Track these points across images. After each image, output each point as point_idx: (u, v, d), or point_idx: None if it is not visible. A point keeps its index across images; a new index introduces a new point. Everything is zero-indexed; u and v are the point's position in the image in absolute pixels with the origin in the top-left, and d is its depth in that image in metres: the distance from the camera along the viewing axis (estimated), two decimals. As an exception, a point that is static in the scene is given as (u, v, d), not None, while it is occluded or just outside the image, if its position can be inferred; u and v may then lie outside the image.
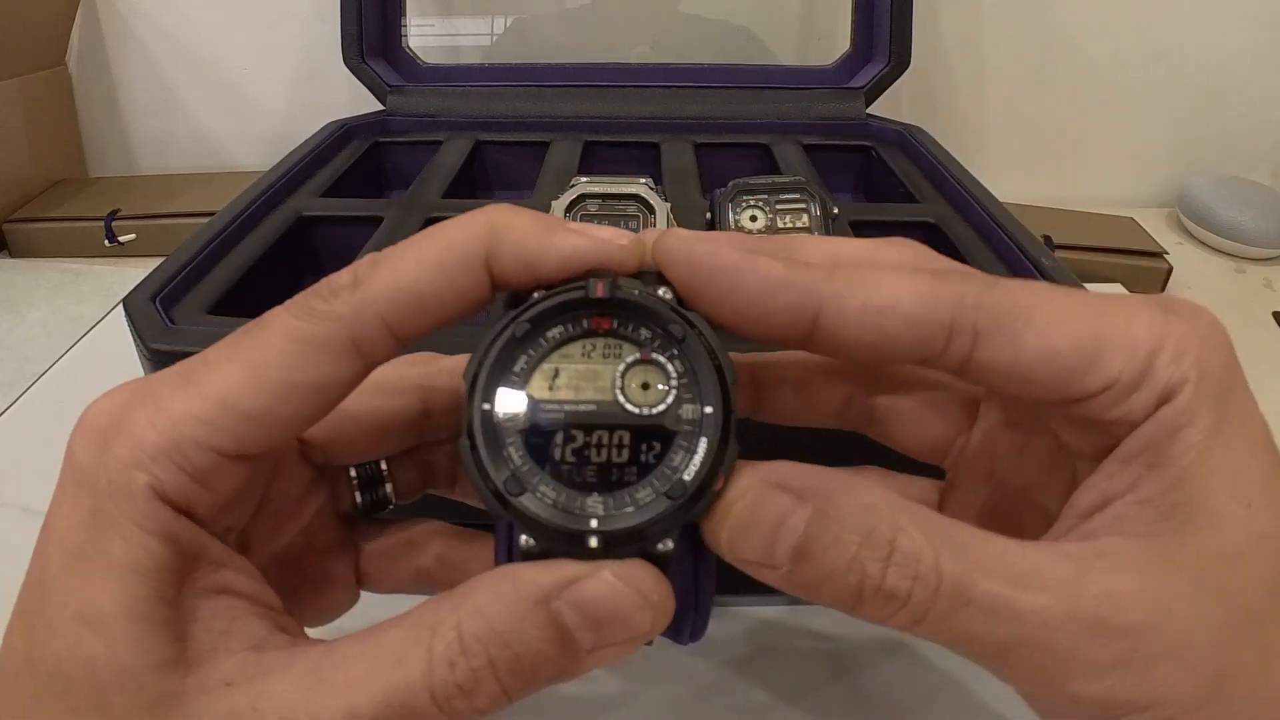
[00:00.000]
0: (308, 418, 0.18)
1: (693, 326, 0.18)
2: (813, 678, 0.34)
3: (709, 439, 0.17)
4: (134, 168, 0.80)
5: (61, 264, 0.65)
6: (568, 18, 0.73)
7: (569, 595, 0.16)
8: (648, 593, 0.17)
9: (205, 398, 0.17)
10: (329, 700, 0.16)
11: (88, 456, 0.17)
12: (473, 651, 0.16)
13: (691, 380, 0.17)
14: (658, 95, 0.60)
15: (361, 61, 0.59)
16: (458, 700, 0.16)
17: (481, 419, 0.17)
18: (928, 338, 0.17)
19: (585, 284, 0.17)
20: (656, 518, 0.17)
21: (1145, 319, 0.17)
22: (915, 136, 0.55)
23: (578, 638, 0.16)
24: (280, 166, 0.48)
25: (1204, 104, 0.79)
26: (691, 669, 0.34)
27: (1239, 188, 0.72)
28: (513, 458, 0.17)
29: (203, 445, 0.17)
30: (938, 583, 0.16)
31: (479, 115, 0.59)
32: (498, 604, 0.16)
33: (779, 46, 0.75)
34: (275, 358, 0.17)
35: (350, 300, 0.17)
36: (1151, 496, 0.17)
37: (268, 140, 0.78)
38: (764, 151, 0.55)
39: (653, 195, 0.38)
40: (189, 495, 0.17)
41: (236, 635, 0.17)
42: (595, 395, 0.17)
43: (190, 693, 0.16)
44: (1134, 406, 0.17)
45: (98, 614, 0.16)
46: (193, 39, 0.76)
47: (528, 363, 0.18)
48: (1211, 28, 0.76)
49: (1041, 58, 0.77)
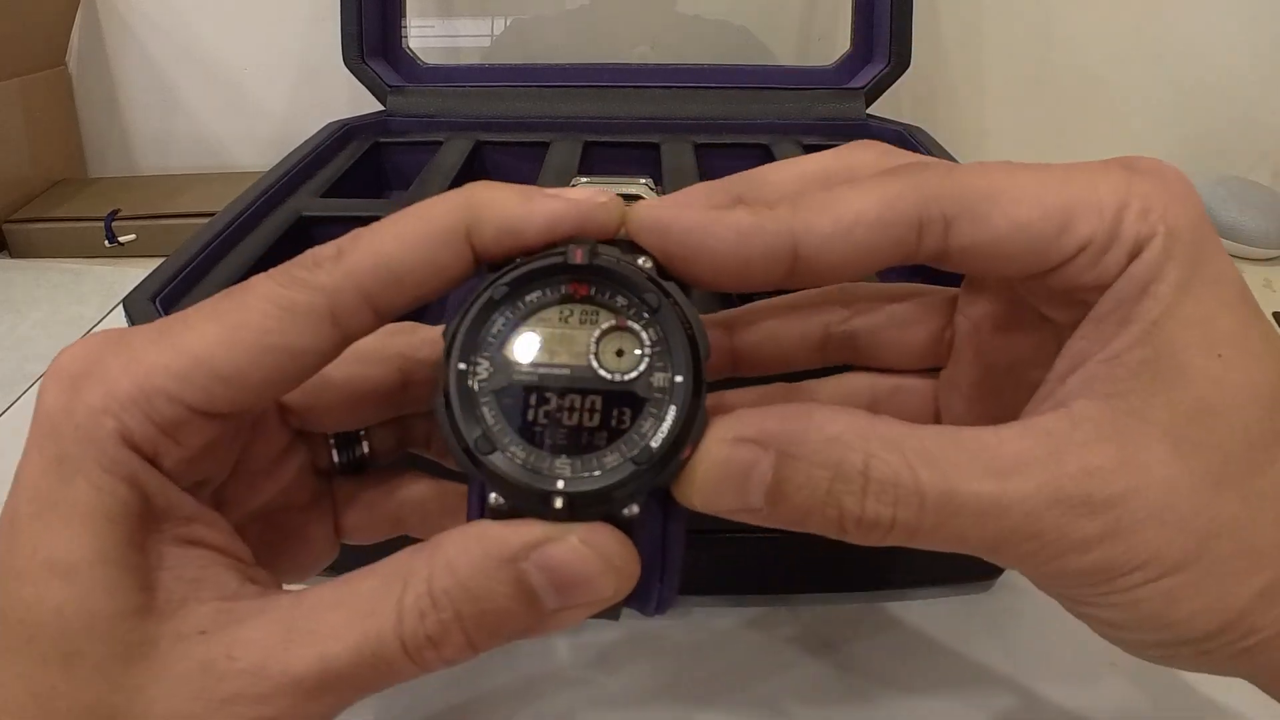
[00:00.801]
0: (280, 383, 0.18)
1: (668, 296, 0.18)
2: (813, 677, 0.34)
3: (678, 407, 0.17)
4: (134, 168, 0.80)
5: (61, 264, 0.65)
6: (568, 18, 0.73)
7: (536, 557, 0.17)
8: (612, 558, 0.17)
9: (180, 352, 0.17)
10: (302, 648, 0.16)
11: (56, 403, 0.17)
12: (441, 605, 0.16)
13: (665, 349, 0.18)
14: (658, 95, 0.60)
15: (361, 61, 0.59)
16: (427, 650, 0.17)
17: (457, 378, 0.17)
18: (900, 237, 0.18)
19: (564, 250, 0.18)
20: (621, 482, 0.17)
21: (1110, 179, 0.18)
22: (915, 136, 0.55)
23: (543, 598, 0.17)
24: (280, 166, 0.48)
25: (1204, 104, 0.79)
26: (692, 667, 0.34)
27: (1239, 188, 0.72)
28: (485, 417, 0.17)
29: (173, 398, 0.17)
30: (921, 500, 0.16)
31: (479, 115, 0.59)
32: (467, 560, 0.17)
33: (779, 46, 0.75)
34: (253, 320, 0.17)
35: (333, 271, 0.17)
36: (1120, 353, 0.17)
37: (268, 140, 0.78)
38: (764, 151, 0.55)
39: (653, 195, 0.38)
40: (157, 446, 0.17)
41: (207, 585, 0.18)
42: (569, 359, 0.18)
43: (163, 640, 0.17)
44: (1107, 266, 0.17)
45: (67, 561, 0.16)
46: (193, 39, 0.76)
47: (505, 325, 0.18)
48: (1212, 28, 0.76)
49: (1041, 58, 0.77)
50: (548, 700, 0.33)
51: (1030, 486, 0.16)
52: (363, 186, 0.53)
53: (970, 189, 0.18)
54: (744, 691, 0.33)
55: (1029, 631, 0.35)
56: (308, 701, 0.16)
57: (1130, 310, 0.17)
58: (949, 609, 0.37)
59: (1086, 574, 0.17)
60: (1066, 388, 0.18)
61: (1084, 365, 0.18)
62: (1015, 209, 0.17)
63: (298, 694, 0.16)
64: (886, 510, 0.16)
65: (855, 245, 0.18)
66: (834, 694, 0.33)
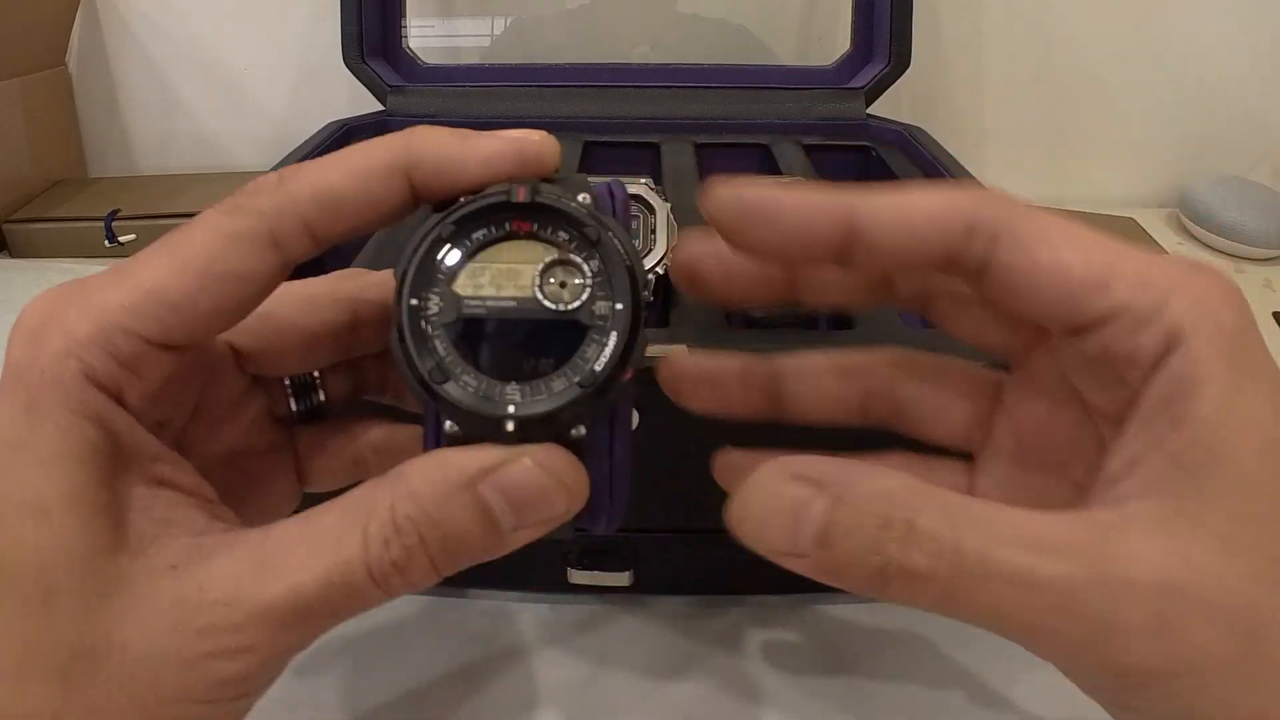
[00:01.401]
0: (228, 311, 0.19)
1: (607, 229, 0.19)
2: (812, 677, 0.34)
3: (619, 333, 0.18)
4: (134, 168, 0.80)
5: (61, 264, 0.65)
6: (568, 18, 0.73)
7: (492, 479, 0.18)
8: (563, 477, 0.18)
9: (132, 288, 0.18)
10: (273, 580, 0.17)
11: (22, 352, 0.18)
12: (405, 531, 0.17)
13: (605, 279, 0.19)
14: (658, 95, 0.60)
15: (361, 61, 0.59)
16: (393, 576, 0.17)
17: (409, 313, 0.18)
18: (950, 235, 0.18)
19: (508, 189, 0.19)
20: (568, 403, 0.18)
21: (1162, 262, 0.18)
22: (915, 136, 0.55)
23: (500, 519, 0.18)
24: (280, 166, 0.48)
25: (1204, 104, 0.79)
26: (690, 667, 0.34)
27: (1239, 188, 0.72)
28: (437, 349, 0.18)
29: (130, 332, 0.18)
30: (959, 558, 0.16)
31: (479, 115, 0.59)
32: (428, 487, 0.17)
33: (779, 46, 0.74)
34: (198, 250, 0.18)
35: (273, 196, 0.18)
36: (1174, 456, 0.17)
37: (268, 140, 0.78)
38: (764, 151, 0.55)
39: (653, 195, 0.38)
40: (119, 381, 0.18)
41: (177, 523, 0.18)
42: (515, 292, 0.19)
43: (137, 576, 0.17)
44: (1143, 343, 0.17)
45: (40, 503, 0.17)
46: (193, 39, 0.76)
47: (453, 262, 0.19)
48: (1212, 28, 0.76)
49: (1041, 58, 0.77)
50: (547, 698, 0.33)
51: (1073, 565, 0.16)
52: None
53: (1023, 217, 0.18)
54: (744, 691, 0.33)
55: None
56: (281, 630, 0.17)
57: (1182, 410, 0.17)
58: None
59: (1132, 673, 0.16)
60: (1118, 488, 0.18)
61: (1137, 467, 0.17)
62: (1060, 249, 0.18)
63: (271, 623, 0.17)
64: (926, 562, 0.16)
65: (910, 231, 0.18)
66: (834, 694, 0.33)
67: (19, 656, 0.17)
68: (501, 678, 0.34)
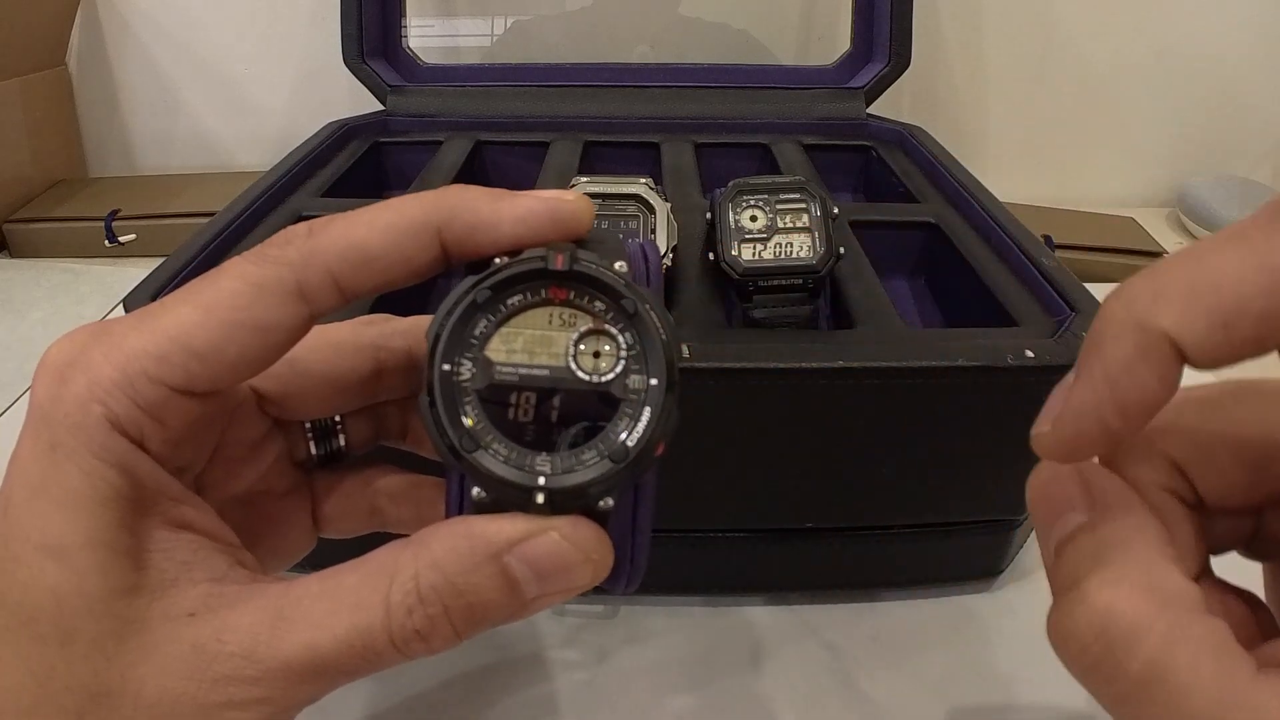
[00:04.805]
0: (253, 360, 0.18)
1: (644, 302, 0.18)
2: (813, 677, 0.34)
3: (653, 408, 0.18)
4: (134, 168, 0.80)
5: (61, 264, 0.65)
6: (568, 18, 0.73)
7: (519, 551, 0.18)
8: (590, 550, 0.18)
9: (158, 334, 0.18)
10: (291, 635, 0.17)
11: (46, 393, 0.18)
12: (429, 601, 0.17)
13: (640, 352, 0.18)
14: (658, 95, 0.60)
15: (361, 61, 0.59)
16: (415, 643, 0.17)
17: (441, 378, 0.18)
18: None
19: (545, 255, 0.18)
20: (599, 478, 0.18)
21: None
22: (915, 136, 0.55)
23: (525, 588, 0.18)
24: (280, 166, 0.48)
25: (1204, 104, 0.79)
26: (692, 667, 0.34)
27: (1239, 188, 0.72)
28: (469, 415, 0.18)
29: (153, 379, 0.18)
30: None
31: (479, 115, 0.59)
32: (454, 558, 0.17)
33: (779, 46, 0.75)
34: (225, 299, 0.18)
35: (302, 248, 0.18)
36: None
37: (268, 140, 0.78)
38: (764, 151, 0.55)
39: (653, 195, 0.38)
40: (142, 428, 0.18)
41: (198, 567, 0.18)
42: (549, 361, 0.18)
43: (154, 619, 0.17)
44: None
45: (60, 544, 0.17)
46: (193, 39, 0.76)
47: (487, 326, 0.19)
48: (1212, 28, 0.76)
49: (1041, 58, 0.77)
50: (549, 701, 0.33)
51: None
52: (362, 186, 0.53)
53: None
54: (744, 691, 0.33)
55: (1029, 631, 0.35)
56: (296, 685, 0.17)
57: None
58: (949, 609, 0.37)
59: None
60: None
61: None
62: None
63: (288, 677, 0.17)
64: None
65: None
66: (833, 694, 0.33)
67: (34, 696, 0.17)
68: (502, 678, 0.34)
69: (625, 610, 0.37)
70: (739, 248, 0.35)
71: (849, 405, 0.32)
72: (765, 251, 0.35)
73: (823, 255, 0.34)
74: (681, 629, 0.36)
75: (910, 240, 0.46)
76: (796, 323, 0.35)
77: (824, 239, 0.34)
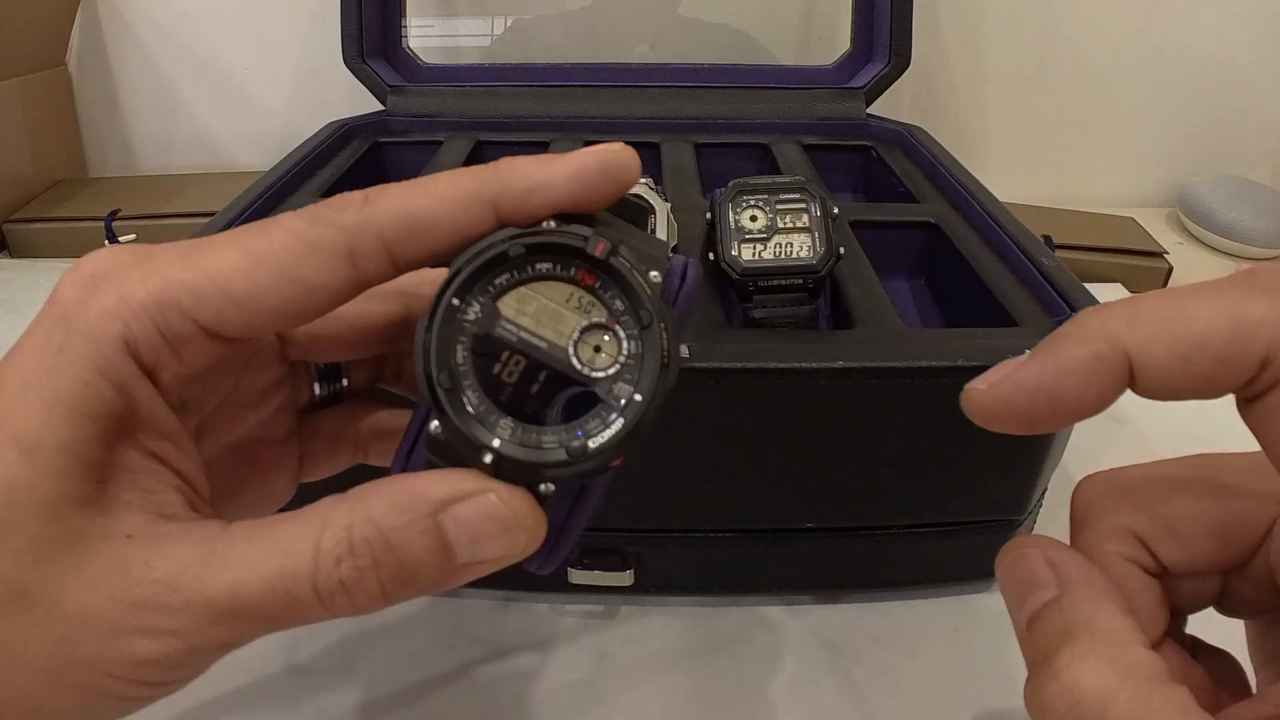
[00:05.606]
0: (290, 315, 0.18)
1: (660, 321, 0.18)
2: (812, 677, 0.34)
3: (625, 422, 0.18)
4: (134, 168, 0.80)
5: (61, 264, 0.65)
6: (568, 18, 0.73)
7: (455, 510, 0.17)
8: (525, 520, 0.18)
9: (199, 271, 0.18)
10: (217, 572, 0.17)
11: (72, 296, 0.18)
12: (360, 552, 0.17)
13: (637, 366, 0.18)
14: (658, 95, 0.60)
15: (361, 61, 0.59)
16: (338, 595, 0.17)
17: (446, 310, 0.18)
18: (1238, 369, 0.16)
19: (589, 236, 0.18)
20: (549, 465, 0.18)
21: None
22: (915, 136, 0.55)
23: (456, 550, 0.18)
24: (280, 166, 0.48)
25: (1204, 104, 0.79)
26: (693, 667, 0.34)
27: (1239, 188, 0.72)
28: (456, 354, 0.18)
29: (185, 313, 0.18)
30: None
31: (479, 115, 0.59)
32: (391, 511, 0.17)
33: (779, 46, 0.75)
34: (275, 252, 0.18)
35: (357, 214, 0.18)
36: None
37: (268, 140, 0.78)
38: (764, 151, 0.55)
39: (653, 195, 0.38)
40: (159, 357, 0.18)
41: (154, 498, 0.18)
42: (552, 336, 0.18)
43: (94, 535, 0.17)
44: None
45: (34, 440, 0.17)
46: (193, 39, 0.76)
47: (508, 280, 0.18)
48: (1212, 28, 0.76)
49: (1041, 58, 0.77)
50: (542, 696, 0.33)
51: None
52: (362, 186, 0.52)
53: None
54: (744, 691, 0.33)
55: (1029, 631, 0.35)
56: (214, 624, 0.17)
57: None
58: (949, 609, 0.37)
59: None
60: None
61: None
62: None
63: (206, 614, 0.17)
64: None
65: (1185, 366, 0.16)
66: (834, 694, 0.33)
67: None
68: (502, 678, 0.34)
69: (625, 610, 0.37)
70: (739, 248, 0.35)
71: (849, 405, 0.32)
72: (765, 251, 0.35)
73: (823, 255, 0.34)
74: (681, 629, 0.36)
75: (910, 240, 0.46)
76: (796, 323, 0.35)
77: (824, 239, 0.34)
